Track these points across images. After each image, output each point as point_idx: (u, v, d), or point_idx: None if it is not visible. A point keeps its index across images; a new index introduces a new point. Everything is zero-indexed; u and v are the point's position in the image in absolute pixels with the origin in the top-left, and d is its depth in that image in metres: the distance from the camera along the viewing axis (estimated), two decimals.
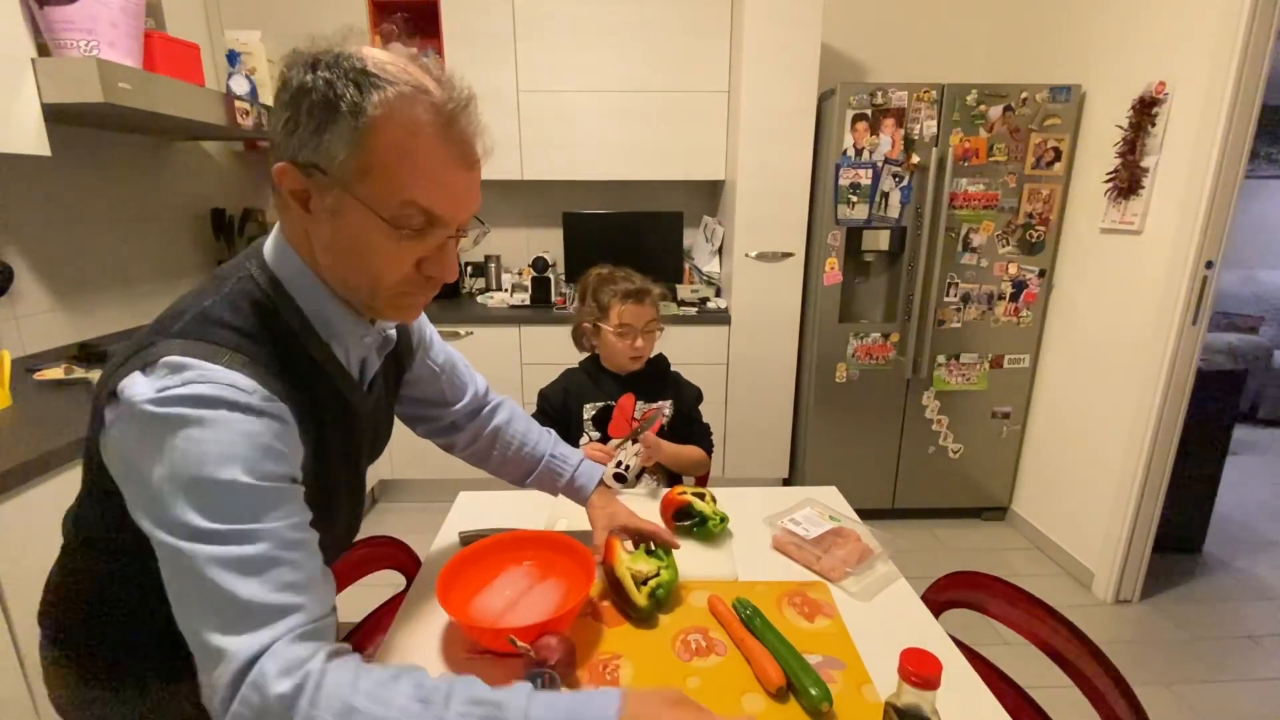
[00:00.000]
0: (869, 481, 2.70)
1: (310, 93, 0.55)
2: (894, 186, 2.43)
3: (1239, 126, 1.82)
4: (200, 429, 0.53)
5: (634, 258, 1.72)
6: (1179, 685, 1.84)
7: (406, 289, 0.64)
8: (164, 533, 0.54)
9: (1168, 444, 2.08)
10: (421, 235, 0.60)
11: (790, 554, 1.06)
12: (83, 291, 1.95)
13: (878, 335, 2.56)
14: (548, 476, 1.07)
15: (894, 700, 0.60)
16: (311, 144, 0.56)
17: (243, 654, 0.51)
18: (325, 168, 0.56)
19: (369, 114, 0.55)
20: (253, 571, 0.53)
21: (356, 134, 0.55)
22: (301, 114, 0.56)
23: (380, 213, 0.57)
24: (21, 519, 1.17)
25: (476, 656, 0.82)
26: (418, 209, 0.59)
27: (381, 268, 0.62)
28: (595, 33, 2.58)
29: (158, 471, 0.53)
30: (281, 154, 0.58)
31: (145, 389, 0.54)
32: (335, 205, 0.58)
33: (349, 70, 0.55)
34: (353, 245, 0.60)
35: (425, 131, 0.57)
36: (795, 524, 1.09)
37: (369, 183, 0.57)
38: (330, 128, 0.55)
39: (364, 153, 0.56)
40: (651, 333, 1.43)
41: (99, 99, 1.44)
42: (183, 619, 0.54)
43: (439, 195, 0.59)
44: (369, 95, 0.55)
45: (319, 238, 0.62)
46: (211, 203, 2.52)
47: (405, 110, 0.56)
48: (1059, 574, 2.40)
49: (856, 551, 1.02)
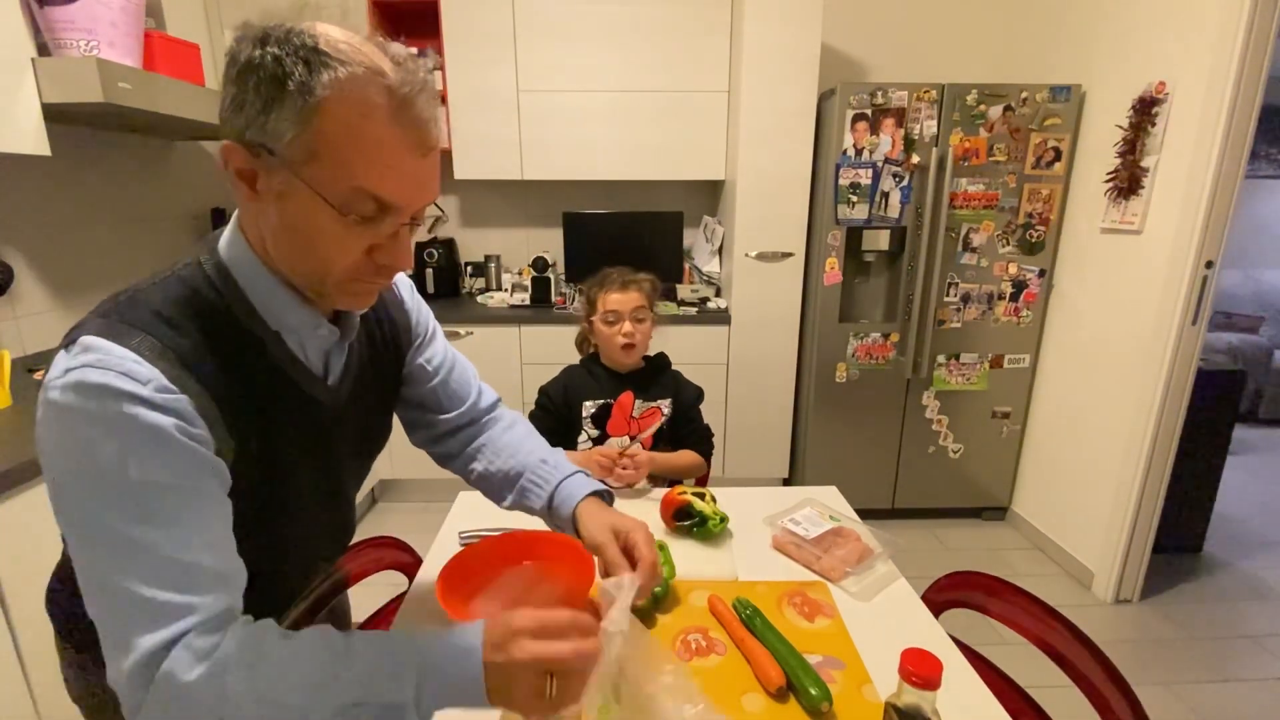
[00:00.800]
0: (869, 481, 2.70)
1: (258, 68, 0.52)
2: (894, 186, 2.43)
3: (1239, 126, 1.82)
4: (89, 424, 0.52)
5: (634, 258, 1.73)
6: (1179, 685, 1.84)
7: (357, 276, 0.61)
8: (63, 522, 0.53)
9: (1168, 444, 2.08)
10: (373, 222, 0.57)
11: (790, 554, 1.06)
12: (83, 291, 1.95)
13: (878, 335, 2.56)
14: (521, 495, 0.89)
15: (894, 700, 0.60)
16: (258, 122, 0.52)
17: (145, 648, 0.51)
18: (272, 148, 0.53)
19: (317, 94, 0.51)
20: (150, 570, 0.52)
21: (304, 114, 0.52)
22: (249, 90, 0.52)
23: (328, 198, 0.54)
24: (21, 519, 1.17)
25: None
26: (368, 195, 0.55)
27: (330, 254, 0.58)
28: (595, 33, 2.58)
29: (54, 462, 0.53)
30: (228, 132, 0.55)
31: (55, 371, 0.54)
32: (282, 188, 0.55)
33: (299, 47, 0.52)
34: (300, 230, 0.57)
35: (377, 114, 0.53)
36: (795, 524, 1.09)
37: (316, 166, 0.53)
38: (277, 106, 0.52)
39: (311, 134, 0.52)
40: (643, 321, 1.42)
41: (99, 99, 1.44)
42: (90, 609, 0.54)
43: (391, 182, 0.55)
44: (319, 74, 0.51)
45: (266, 222, 0.59)
46: (211, 203, 2.52)
47: (356, 91, 0.52)
48: (1059, 574, 2.40)
49: (856, 551, 1.02)
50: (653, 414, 1.47)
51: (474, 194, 3.05)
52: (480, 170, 2.71)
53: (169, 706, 0.51)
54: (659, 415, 1.47)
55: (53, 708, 1.23)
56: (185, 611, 0.53)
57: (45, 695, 1.21)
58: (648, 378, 1.48)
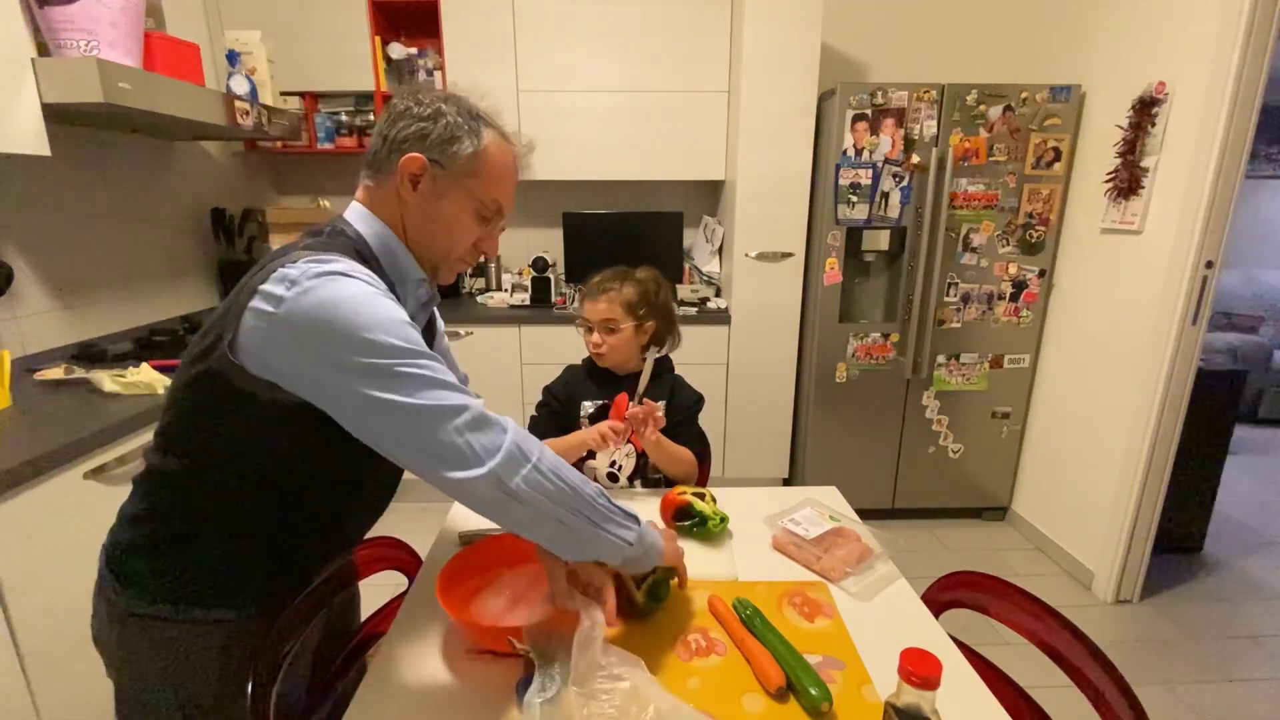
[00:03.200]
0: (869, 481, 2.70)
1: (447, 116, 0.81)
2: (894, 186, 2.43)
3: (1239, 126, 1.82)
4: (367, 286, 0.70)
5: (634, 258, 1.71)
6: (1179, 685, 1.84)
7: (464, 257, 0.89)
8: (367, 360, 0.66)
9: (1168, 444, 2.08)
10: (488, 222, 0.87)
11: (790, 554, 1.06)
12: (83, 291, 1.95)
13: (878, 335, 2.56)
14: None
15: (894, 700, 0.60)
16: (439, 147, 0.80)
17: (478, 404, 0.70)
18: (445, 164, 0.81)
19: (484, 140, 0.83)
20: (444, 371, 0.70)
21: (477, 150, 0.82)
22: (438, 127, 0.80)
23: (477, 199, 0.84)
24: (21, 519, 1.17)
25: (477, 656, 0.82)
26: (497, 204, 0.86)
27: (460, 237, 0.86)
28: (595, 33, 2.58)
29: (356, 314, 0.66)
30: (408, 149, 0.80)
31: (314, 265, 0.68)
32: (443, 190, 0.82)
33: (470, 110, 0.84)
34: (444, 219, 0.84)
35: (509, 160, 0.87)
36: (795, 524, 1.09)
37: (475, 180, 0.83)
38: (459, 142, 0.81)
39: (478, 161, 0.82)
40: (614, 331, 1.37)
41: (99, 99, 1.44)
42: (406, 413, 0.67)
43: (508, 199, 0.88)
44: (485, 130, 0.83)
45: (415, 211, 0.83)
46: (211, 203, 2.52)
47: (503, 145, 0.86)
48: (1059, 574, 2.40)
49: (856, 551, 1.02)
50: None
51: None
52: None
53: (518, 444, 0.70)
54: None
55: (53, 708, 1.23)
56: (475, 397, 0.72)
57: (45, 695, 1.21)
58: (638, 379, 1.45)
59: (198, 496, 0.77)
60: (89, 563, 1.31)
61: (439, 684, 0.78)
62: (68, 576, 1.27)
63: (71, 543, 1.27)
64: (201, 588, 0.79)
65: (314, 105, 2.72)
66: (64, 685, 1.26)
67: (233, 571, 0.80)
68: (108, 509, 1.35)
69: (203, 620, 0.80)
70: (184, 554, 0.79)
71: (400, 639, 0.86)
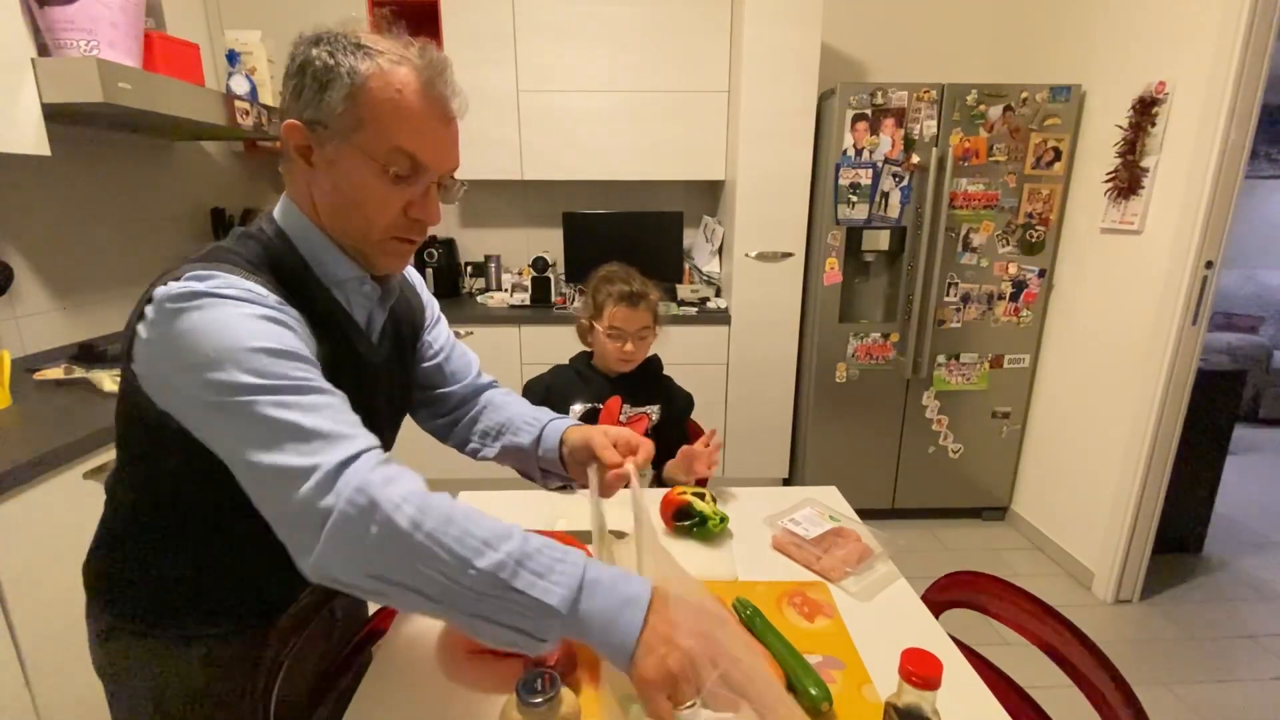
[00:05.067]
0: (869, 481, 2.70)
1: (314, 61, 0.65)
2: (894, 186, 2.43)
3: (1239, 126, 1.82)
4: (236, 308, 0.59)
5: (634, 258, 1.71)
6: (1179, 685, 1.84)
7: (395, 233, 0.71)
8: (215, 398, 0.56)
9: (1168, 444, 2.08)
10: (408, 181, 0.68)
11: (790, 554, 1.06)
12: (83, 291, 1.95)
13: (878, 335, 2.56)
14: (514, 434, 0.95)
15: (894, 700, 0.60)
16: (314, 103, 0.65)
17: (332, 459, 0.54)
18: (325, 122, 0.65)
19: (362, 74, 0.64)
20: (313, 409, 0.57)
21: (352, 91, 0.64)
22: (306, 79, 0.65)
23: (373, 156, 0.66)
24: (21, 519, 1.17)
25: (476, 656, 0.82)
26: (404, 154, 0.67)
27: (374, 210, 0.69)
28: (595, 33, 2.58)
29: (203, 347, 0.56)
30: (289, 116, 0.67)
31: (177, 286, 0.59)
32: (333, 155, 0.67)
33: (346, 44, 0.65)
34: (349, 190, 0.68)
35: (409, 89, 0.66)
36: (795, 524, 1.09)
37: (362, 133, 0.65)
38: (330, 88, 0.64)
39: (358, 106, 0.64)
40: (644, 339, 1.40)
41: (99, 99, 1.44)
42: (256, 474, 0.56)
43: (422, 143, 0.67)
44: (362, 61, 0.65)
45: (320, 190, 0.70)
46: (211, 203, 2.52)
47: (392, 72, 0.65)
48: (1059, 574, 2.40)
49: (856, 551, 1.02)
50: (639, 420, 1.44)
51: (474, 194, 3.05)
52: (480, 170, 2.71)
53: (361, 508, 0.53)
54: (646, 422, 1.44)
55: (53, 708, 1.23)
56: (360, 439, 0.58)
57: (45, 695, 1.21)
58: (638, 383, 1.46)
59: (152, 527, 0.74)
60: None
61: (439, 684, 0.78)
62: (68, 576, 1.26)
63: (72, 543, 1.27)
64: (175, 608, 0.76)
65: None
66: (64, 685, 1.26)
67: (202, 593, 0.76)
68: None
69: (179, 636, 0.77)
70: (150, 577, 0.75)
71: (400, 639, 0.86)
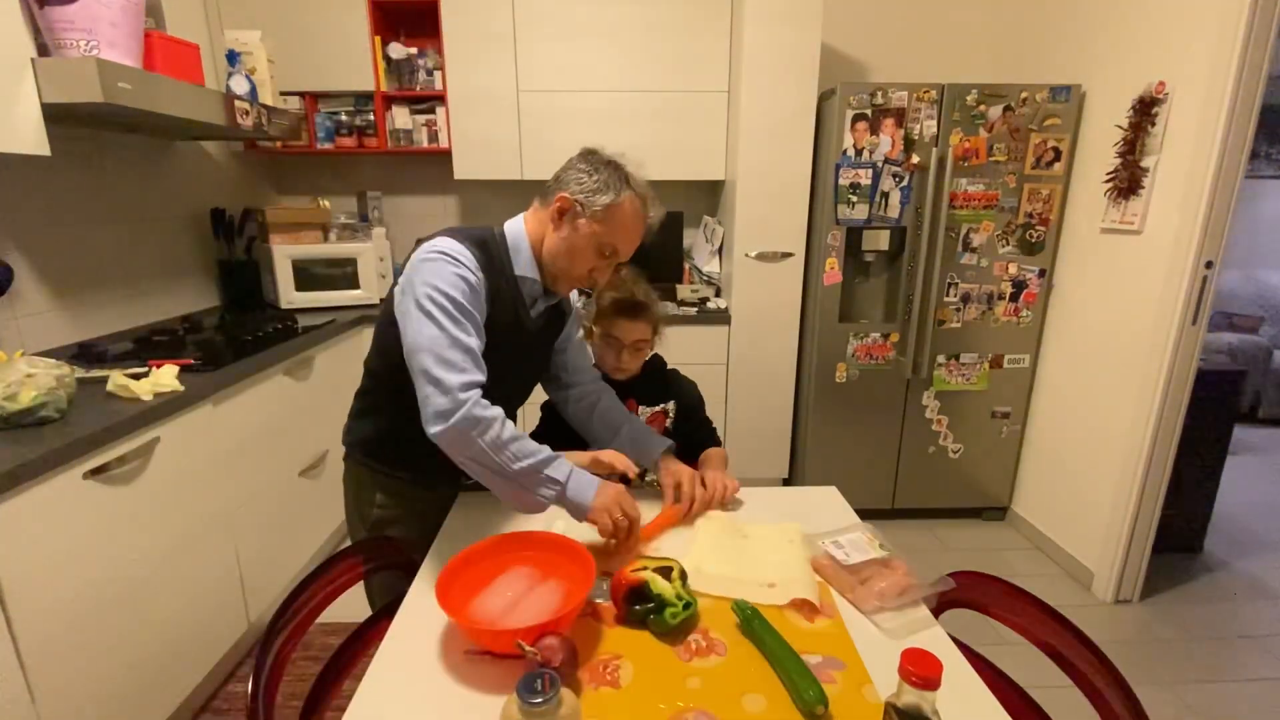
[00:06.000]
0: (869, 481, 2.70)
1: (601, 172, 1.08)
2: (894, 186, 2.43)
3: (1239, 126, 1.82)
4: (448, 265, 1.00)
5: (634, 258, 1.70)
6: (1179, 685, 1.84)
7: (580, 277, 1.13)
8: (414, 304, 0.98)
9: (1168, 444, 2.08)
10: (605, 259, 1.11)
11: (826, 576, 1.00)
12: (83, 291, 1.95)
13: (878, 335, 2.56)
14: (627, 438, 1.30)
15: (894, 700, 0.60)
16: (586, 194, 1.07)
17: (457, 381, 0.95)
18: (585, 206, 1.07)
19: (621, 195, 1.07)
20: (463, 331, 0.99)
21: (613, 200, 1.07)
22: (589, 180, 1.07)
23: (601, 240, 1.08)
24: (22, 519, 1.16)
25: (476, 656, 0.82)
26: (614, 247, 1.10)
27: (578, 263, 1.11)
28: (595, 33, 2.58)
29: (421, 277, 0.99)
30: (562, 189, 1.08)
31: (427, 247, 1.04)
32: (580, 226, 1.08)
33: (621, 172, 1.10)
34: (573, 248, 1.09)
35: (637, 214, 1.10)
36: (838, 547, 1.04)
37: (604, 224, 1.07)
38: (604, 193, 1.06)
39: (611, 210, 1.07)
40: (640, 350, 1.38)
41: (99, 99, 1.44)
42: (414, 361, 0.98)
43: (625, 244, 1.12)
44: (625, 189, 1.08)
45: (553, 237, 1.10)
46: (211, 203, 2.52)
47: (634, 201, 1.09)
48: (1059, 574, 2.40)
49: (898, 586, 0.94)
50: (657, 418, 1.44)
51: (474, 194, 3.05)
52: (480, 170, 2.71)
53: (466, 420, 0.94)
54: (664, 419, 1.44)
55: (53, 708, 1.23)
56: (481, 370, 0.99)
57: (45, 695, 1.21)
58: (647, 382, 1.44)
59: (374, 392, 1.18)
60: (89, 562, 1.32)
61: (439, 684, 0.78)
62: (68, 576, 1.27)
63: (71, 543, 1.28)
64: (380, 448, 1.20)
65: (314, 105, 2.72)
66: (64, 685, 1.26)
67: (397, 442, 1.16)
68: (108, 509, 1.36)
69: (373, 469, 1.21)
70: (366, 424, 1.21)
71: (400, 639, 0.86)
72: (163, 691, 1.54)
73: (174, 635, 1.56)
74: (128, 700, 1.42)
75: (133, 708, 1.44)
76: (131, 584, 1.43)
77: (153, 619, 1.49)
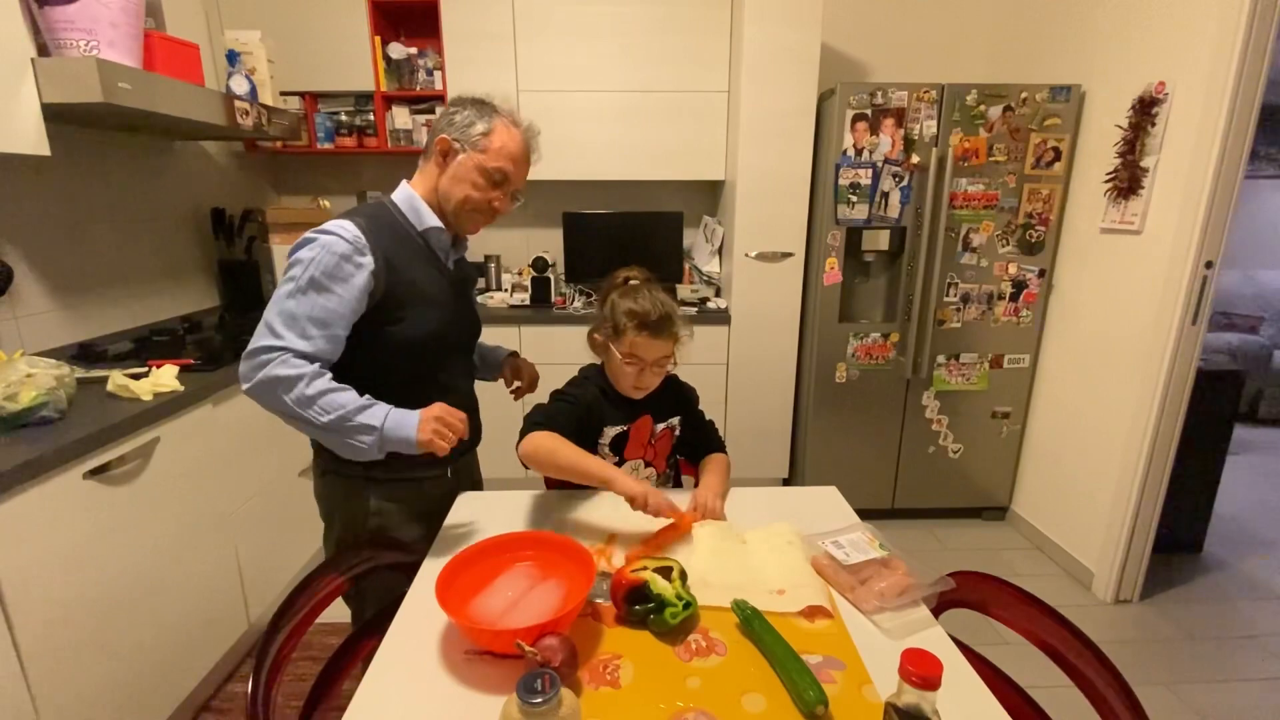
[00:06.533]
0: (869, 481, 2.70)
1: (468, 108, 1.14)
2: (894, 186, 2.43)
3: (1239, 126, 1.82)
4: (314, 241, 1.05)
5: (634, 258, 1.71)
6: (1179, 685, 1.84)
7: (479, 207, 1.16)
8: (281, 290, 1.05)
9: (1168, 444, 2.08)
10: (499, 185, 1.15)
11: (826, 576, 1.00)
12: (83, 291, 1.95)
13: (878, 335, 2.56)
14: None
15: (894, 700, 0.60)
16: (459, 129, 1.12)
17: (261, 344, 1.00)
18: (462, 141, 1.12)
19: (492, 121, 1.13)
20: (297, 300, 1.02)
21: (486, 128, 1.12)
22: (459, 117, 1.13)
23: (486, 166, 1.13)
24: (22, 518, 1.17)
25: (476, 656, 0.82)
26: (502, 172, 1.14)
27: (474, 195, 1.14)
28: (595, 33, 2.58)
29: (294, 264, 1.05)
30: (439, 134, 1.13)
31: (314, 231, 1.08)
32: (460, 160, 1.13)
33: (486, 106, 1.15)
34: (461, 179, 1.13)
35: (514, 138, 1.15)
36: (838, 547, 1.04)
37: (484, 152, 1.12)
38: (475, 124, 1.12)
39: (487, 137, 1.12)
40: (662, 368, 1.28)
41: (99, 99, 1.45)
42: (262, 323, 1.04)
43: (514, 168, 1.15)
44: (495, 116, 1.14)
45: (443, 180, 1.15)
46: (211, 203, 2.52)
47: (507, 125, 1.15)
48: (1059, 574, 2.40)
49: (898, 586, 0.94)
50: (667, 434, 1.39)
51: None
52: None
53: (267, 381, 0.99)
54: (672, 434, 1.40)
55: (53, 707, 1.23)
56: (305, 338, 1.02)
57: (45, 695, 1.21)
58: (661, 397, 1.36)
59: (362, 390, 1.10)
60: (89, 562, 1.32)
61: (439, 684, 0.78)
62: (68, 576, 1.27)
63: (71, 543, 1.28)
64: None
65: (314, 105, 2.72)
66: (64, 685, 1.26)
67: None
68: (108, 509, 1.36)
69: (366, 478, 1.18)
70: None
71: (400, 639, 0.86)
72: (163, 691, 1.54)
73: (174, 635, 1.56)
74: (127, 700, 1.42)
75: (132, 707, 1.44)
76: (131, 584, 1.43)
77: (152, 619, 1.49)
